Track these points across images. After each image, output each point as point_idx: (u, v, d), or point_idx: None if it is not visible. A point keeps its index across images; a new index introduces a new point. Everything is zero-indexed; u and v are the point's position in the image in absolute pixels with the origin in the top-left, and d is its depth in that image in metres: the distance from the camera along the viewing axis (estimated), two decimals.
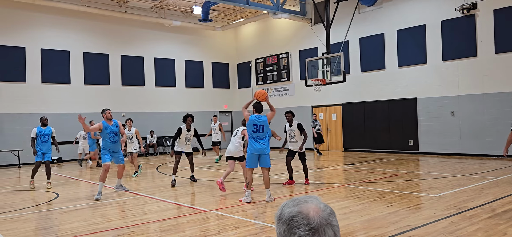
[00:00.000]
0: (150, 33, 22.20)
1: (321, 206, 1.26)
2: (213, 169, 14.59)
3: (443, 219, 6.32)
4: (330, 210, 1.27)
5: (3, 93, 17.89)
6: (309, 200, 1.28)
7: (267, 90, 23.69)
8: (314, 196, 1.31)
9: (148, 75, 22.13)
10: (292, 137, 10.31)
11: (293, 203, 1.28)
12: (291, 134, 10.34)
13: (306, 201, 1.27)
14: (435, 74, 16.46)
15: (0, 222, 7.13)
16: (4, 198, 9.87)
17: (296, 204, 1.27)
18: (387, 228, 5.90)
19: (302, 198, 1.30)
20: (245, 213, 7.26)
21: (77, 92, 19.74)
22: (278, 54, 22.84)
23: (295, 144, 10.23)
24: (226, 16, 23.20)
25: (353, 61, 19.20)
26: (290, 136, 10.36)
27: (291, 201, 1.30)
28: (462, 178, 10.32)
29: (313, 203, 1.27)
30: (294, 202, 1.28)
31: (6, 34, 18.01)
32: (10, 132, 17.90)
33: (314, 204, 1.26)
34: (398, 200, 7.82)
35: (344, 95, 19.56)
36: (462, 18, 15.54)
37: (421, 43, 16.81)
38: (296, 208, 1.25)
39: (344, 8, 18.45)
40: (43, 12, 18.82)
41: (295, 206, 1.26)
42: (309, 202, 1.27)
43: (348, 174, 12.19)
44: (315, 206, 1.25)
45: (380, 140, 18.26)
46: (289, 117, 10.33)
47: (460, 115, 15.78)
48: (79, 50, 19.96)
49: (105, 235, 6.11)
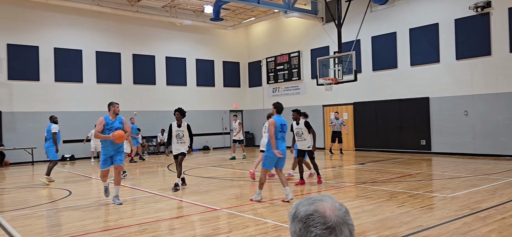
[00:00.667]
0: (162, 32, 22.32)
1: (336, 205, 1.26)
2: (224, 168, 14.62)
3: (456, 220, 6.24)
4: (345, 209, 1.26)
5: (17, 92, 18.15)
6: (324, 198, 1.28)
7: (278, 89, 23.67)
8: (328, 195, 1.30)
9: (159, 74, 22.26)
10: (300, 136, 10.13)
11: (309, 202, 1.27)
12: (299, 132, 10.15)
13: (321, 200, 1.27)
14: (448, 73, 16.27)
15: (14, 219, 7.23)
16: (18, 195, 10.02)
17: (311, 203, 1.26)
18: (399, 228, 5.84)
19: (317, 196, 1.29)
20: (255, 212, 7.26)
21: (90, 90, 19.94)
22: (289, 53, 22.79)
23: (303, 143, 10.05)
24: (237, 15, 23.22)
25: (364, 60, 19.07)
26: (298, 134, 10.19)
27: (306, 200, 1.29)
28: (475, 179, 10.19)
29: (329, 202, 1.26)
30: (309, 201, 1.28)
31: (20, 33, 18.26)
32: (24, 130, 18.16)
33: (329, 203, 1.26)
34: (410, 200, 7.74)
35: (355, 94, 19.44)
36: (476, 17, 15.33)
37: (434, 42, 16.62)
38: (312, 206, 1.25)
39: (355, 7, 18.32)
40: (56, 11, 19.04)
41: (311, 205, 1.25)
42: (325, 201, 1.26)
43: (360, 173, 12.11)
44: (331, 205, 1.25)
45: (392, 139, 18.11)
46: (295, 116, 10.18)
47: (473, 115, 15.57)
48: (91, 49, 20.15)
49: (117, 232, 6.15)
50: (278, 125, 7.93)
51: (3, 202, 9.44)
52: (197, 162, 16.72)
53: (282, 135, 8.01)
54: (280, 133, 7.99)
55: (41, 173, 14.36)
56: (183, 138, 9.70)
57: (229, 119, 24.87)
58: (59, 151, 12.06)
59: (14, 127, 18.01)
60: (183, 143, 9.72)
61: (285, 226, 6.17)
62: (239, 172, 13.46)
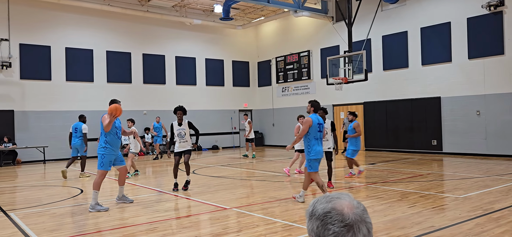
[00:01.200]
0: (172, 32, 22.41)
1: (354, 203, 1.25)
2: (233, 167, 14.63)
3: (468, 221, 6.17)
4: (363, 207, 1.25)
5: (29, 91, 18.36)
6: (341, 196, 1.27)
7: (287, 88, 23.64)
8: (346, 193, 1.29)
9: (169, 73, 22.35)
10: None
11: (326, 200, 1.26)
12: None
13: (339, 198, 1.26)
14: (460, 72, 16.09)
15: (27, 216, 7.31)
16: (30, 193, 10.13)
17: (329, 201, 1.25)
18: (410, 229, 5.79)
19: (334, 194, 1.28)
20: (265, 211, 7.25)
21: (100, 90, 20.09)
22: (299, 52, 22.73)
23: (326, 143, 9.46)
24: (246, 14, 23.22)
25: (375, 59, 18.95)
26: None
27: (323, 198, 1.28)
28: (488, 179, 10.06)
29: (346, 200, 1.25)
30: (326, 199, 1.27)
31: (32, 33, 18.47)
32: (36, 129, 18.37)
33: (347, 200, 1.25)
34: (421, 201, 7.67)
35: (366, 94, 19.32)
36: (489, 15, 15.14)
37: (446, 41, 16.45)
38: (329, 204, 1.24)
39: (366, 6, 18.21)
40: (68, 11, 19.22)
41: (329, 203, 1.24)
42: (342, 199, 1.25)
43: (370, 173, 12.03)
44: (349, 203, 1.24)
45: (403, 139, 17.97)
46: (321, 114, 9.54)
47: (486, 115, 15.38)
48: (102, 48, 20.31)
49: (127, 230, 6.19)
50: (315, 124, 7.41)
51: (16, 199, 9.56)
52: (207, 162, 16.76)
53: (320, 135, 7.49)
54: (318, 133, 7.47)
55: (54, 171, 14.52)
56: (185, 137, 9.52)
57: (238, 118, 24.91)
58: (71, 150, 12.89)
59: (26, 126, 18.22)
60: (185, 142, 9.54)
61: (295, 225, 6.15)
62: (248, 171, 13.45)
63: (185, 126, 9.50)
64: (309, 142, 7.43)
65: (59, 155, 18.76)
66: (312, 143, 7.41)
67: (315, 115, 7.54)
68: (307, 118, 7.49)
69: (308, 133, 7.41)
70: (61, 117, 19.02)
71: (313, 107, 7.61)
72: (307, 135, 7.43)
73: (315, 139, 7.40)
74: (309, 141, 7.43)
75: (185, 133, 9.50)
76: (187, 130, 9.53)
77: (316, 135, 7.43)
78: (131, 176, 12.17)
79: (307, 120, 7.41)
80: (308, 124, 7.36)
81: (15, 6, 18.08)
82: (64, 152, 19.05)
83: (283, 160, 16.21)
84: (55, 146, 18.62)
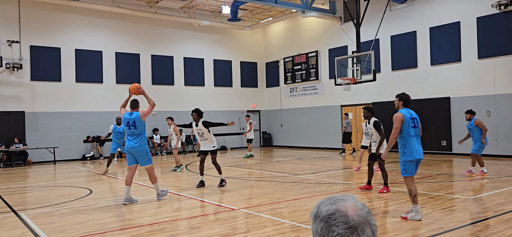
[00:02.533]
0: (180, 33, 22.51)
1: (359, 205, 1.25)
2: (242, 168, 14.65)
3: (478, 222, 6.12)
4: (367, 209, 1.25)
5: (39, 92, 18.56)
6: (346, 198, 1.27)
7: (295, 89, 23.61)
8: (350, 195, 1.30)
9: (177, 74, 22.45)
10: (370, 136, 9.14)
11: (330, 201, 1.27)
12: (368, 133, 9.17)
13: (343, 200, 1.26)
14: (470, 72, 15.95)
15: (37, 216, 7.39)
16: (40, 193, 10.24)
17: (333, 202, 1.26)
18: (419, 230, 5.76)
19: (339, 196, 1.29)
20: (273, 212, 7.25)
21: (109, 91, 20.24)
22: (307, 53, 22.69)
23: (374, 145, 9.02)
24: (254, 15, 23.24)
25: (383, 59, 18.85)
26: (367, 134, 9.24)
27: (327, 199, 1.29)
28: (498, 180, 9.96)
29: (351, 201, 1.26)
30: (331, 200, 1.27)
31: (42, 35, 18.68)
32: (46, 129, 18.56)
33: (351, 202, 1.25)
34: (430, 202, 7.62)
35: (374, 95, 19.22)
36: (499, 15, 14.98)
37: (455, 40, 16.32)
38: (334, 206, 1.24)
39: (374, 6, 18.13)
40: (77, 13, 19.40)
41: (333, 204, 1.25)
42: (347, 201, 1.26)
43: (378, 174, 11.96)
44: (353, 205, 1.24)
45: None
46: (365, 114, 9.21)
47: (496, 115, 15.22)
48: (111, 50, 20.46)
49: (136, 231, 6.23)
50: (407, 119, 6.41)
51: (27, 200, 9.67)
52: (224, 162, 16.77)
53: (415, 131, 6.44)
54: (413, 129, 6.43)
55: (64, 172, 14.66)
56: (203, 136, 9.92)
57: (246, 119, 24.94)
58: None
59: (37, 127, 18.42)
60: (206, 140, 9.96)
61: (303, 226, 6.15)
62: (256, 172, 13.46)
63: (200, 127, 9.88)
64: (404, 141, 6.43)
65: (69, 155, 18.94)
66: (407, 142, 6.40)
67: (406, 109, 6.58)
68: (396, 114, 6.54)
69: (402, 130, 6.43)
70: (71, 118, 19.21)
71: (402, 100, 6.67)
72: (400, 134, 6.47)
73: (410, 136, 6.38)
74: (403, 140, 6.45)
75: (203, 133, 9.91)
76: (204, 130, 9.87)
77: (411, 132, 6.40)
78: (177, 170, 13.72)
79: (397, 116, 6.47)
80: (399, 120, 6.41)
81: (26, 9, 18.29)
82: (74, 152, 19.25)
83: (291, 161, 16.20)
84: (65, 147, 18.80)
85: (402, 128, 6.44)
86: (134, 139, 8.23)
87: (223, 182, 10.07)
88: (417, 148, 6.39)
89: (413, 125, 6.46)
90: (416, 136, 6.45)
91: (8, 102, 17.86)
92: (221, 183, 10.05)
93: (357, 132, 20.52)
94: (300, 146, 23.13)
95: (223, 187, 9.93)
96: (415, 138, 6.42)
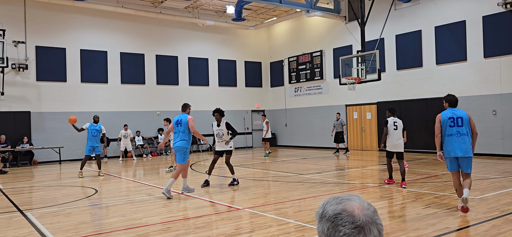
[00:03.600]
0: (184, 33, 22.54)
1: (365, 204, 1.24)
2: (246, 167, 14.65)
3: (485, 222, 6.08)
4: (373, 209, 1.24)
5: (45, 92, 18.66)
6: (352, 198, 1.26)
7: (300, 88, 23.58)
8: (356, 195, 1.29)
9: (182, 74, 22.48)
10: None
11: (336, 201, 1.26)
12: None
13: (349, 199, 1.25)
14: (476, 71, 15.85)
15: (43, 216, 7.43)
16: (46, 193, 10.29)
17: (339, 202, 1.25)
18: (425, 230, 5.73)
19: (345, 196, 1.28)
20: (278, 212, 7.24)
21: (114, 91, 20.31)
22: (311, 53, 22.65)
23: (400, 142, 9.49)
24: (259, 15, 23.23)
25: (388, 59, 18.78)
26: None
27: (333, 199, 1.28)
28: (505, 180, 9.89)
29: (357, 201, 1.25)
30: (337, 200, 1.26)
31: (48, 35, 18.76)
32: (52, 129, 18.65)
33: (357, 202, 1.24)
34: (436, 202, 7.58)
35: (379, 94, 19.16)
36: (505, 13, 14.89)
37: (460, 39, 16.23)
38: (340, 206, 1.23)
39: (379, 5, 18.06)
40: (82, 14, 19.48)
41: (339, 204, 1.24)
42: (353, 200, 1.25)
43: (383, 174, 11.92)
44: (359, 204, 1.23)
45: (417, 140, 17.74)
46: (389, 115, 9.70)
47: (502, 114, 15.12)
48: (116, 50, 20.53)
49: (142, 230, 6.24)
50: (445, 119, 6.77)
51: (33, 199, 9.72)
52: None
53: (452, 130, 6.69)
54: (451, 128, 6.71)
55: (69, 171, 14.73)
56: (223, 137, 10.14)
57: (251, 119, 24.95)
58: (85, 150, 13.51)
59: (43, 127, 18.52)
60: (223, 141, 10.15)
61: (308, 226, 6.13)
62: (261, 172, 13.46)
63: (222, 127, 10.10)
64: (443, 139, 6.83)
65: (74, 155, 19.02)
66: (445, 140, 6.79)
67: (450, 109, 6.86)
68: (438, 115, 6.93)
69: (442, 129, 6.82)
70: (76, 117, 19.25)
71: (447, 102, 6.98)
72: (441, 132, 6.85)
73: (447, 135, 6.74)
74: (443, 138, 6.84)
75: (223, 133, 10.11)
76: (225, 130, 10.13)
77: (448, 131, 6.73)
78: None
79: (437, 117, 6.91)
80: (437, 120, 6.84)
81: (31, 9, 18.39)
82: (80, 152, 19.30)
83: (295, 161, 16.18)
84: (71, 146, 18.88)
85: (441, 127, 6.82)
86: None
87: (235, 181, 10.17)
88: (455, 146, 6.66)
89: (452, 124, 6.72)
90: (456, 135, 6.70)
91: (14, 102, 17.96)
92: (232, 182, 10.16)
93: (358, 132, 20.47)
94: (305, 145, 23.09)
95: (234, 186, 10.02)
96: (455, 137, 6.69)
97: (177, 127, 8.96)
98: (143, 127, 20.74)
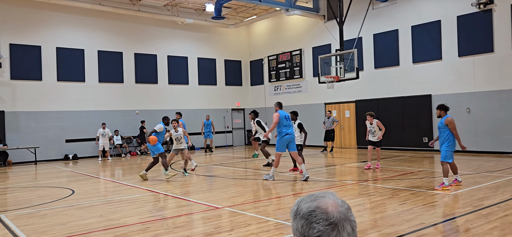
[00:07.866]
0: (163, 31, 22.34)
1: (338, 202, 1.27)
2: (226, 166, 14.64)
3: (458, 217, 6.24)
4: (347, 206, 1.27)
5: (20, 91, 18.20)
6: (326, 195, 1.29)
7: (280, 87, 23.68)
8: (330, 192, 1.31)
9: (161, 73, 22.29)
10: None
11: (311, 199, 1.28)
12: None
13: (323, 197, 1.28)
14: (451, 70, 16.24)
15: (18, 218, 7.26)
16: (21, 194, 10.06)
17: (313, 200, 1.27)
18: (401, 226, 5.85)
19: (319, 193, 1.30)
20: (257, 210, 7.27)
21: (92, 90, 19.98)
22: (291, 51, 22.77)
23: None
24: (238, 13, 23.21)
25: (366, 57, 19.05)
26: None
27: (308, 197, 1.30)
28: (478, 176, 10.17)
29: (331, 198, 1.27)
30: (311, 198, 1.29)
31: (22, 33, 18.31)
32: (27, 129, 18.23)
33: (331, 199, 1.27)
34: (412, 198, 7.74)
35: (357, 92, 19.42)
36: (479, 13, 15.29)
37: (436, 39, 16.59)
38: (314, 203, 1.25)
39: (357, 4, 18.30)
40: (59, 11, 19.08)
41: (313, 201, 1.26)
42: (327, 198, 1.27)
43: (361, 171, 12.11)
44: (333, 201, 1.26)
45: (394, 137, 18.07)
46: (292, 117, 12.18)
47: (476, 112, 15.54)
48: (93, 48, 20.19)
49: (119, 231, 6.17)
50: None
51: (6, 201, 9.49)
52: (199, 161, 16.73)
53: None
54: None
55: (45, 172, 14.42)
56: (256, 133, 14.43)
57: (231, 117, 24.93)
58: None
59: (17, 127, 18.07)
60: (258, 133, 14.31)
61: (287, 224, 6.18)
62: (241, 170, 13.47)
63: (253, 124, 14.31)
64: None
65: (50, 156, 18.64)
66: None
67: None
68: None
69: None
70: (52, 117, 18.90)
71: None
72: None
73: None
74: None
75: (256, 130, 14.32)
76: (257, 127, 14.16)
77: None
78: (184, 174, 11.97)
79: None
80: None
81: (5, 6, 17.91)
82: (56, 152, 18.95)
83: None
84: (46, 146, 18.49)
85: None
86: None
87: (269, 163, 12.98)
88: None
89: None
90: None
91: None
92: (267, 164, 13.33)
93: (337, 129, 20.69)
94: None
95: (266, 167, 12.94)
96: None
97: (286, 121, 10.89)
98: (121, 126, 20.46)
